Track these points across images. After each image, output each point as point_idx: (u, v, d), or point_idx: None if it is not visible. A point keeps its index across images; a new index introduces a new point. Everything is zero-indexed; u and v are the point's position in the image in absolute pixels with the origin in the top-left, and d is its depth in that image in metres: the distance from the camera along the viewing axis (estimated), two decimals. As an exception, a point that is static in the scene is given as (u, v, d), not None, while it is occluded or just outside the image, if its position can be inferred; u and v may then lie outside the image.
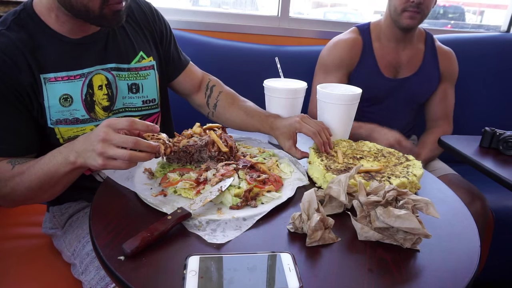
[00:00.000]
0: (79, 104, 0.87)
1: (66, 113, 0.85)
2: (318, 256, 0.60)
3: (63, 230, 0.98)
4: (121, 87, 0.93)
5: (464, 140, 1.24)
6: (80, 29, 0.86)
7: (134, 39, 0.96)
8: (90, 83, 0.88)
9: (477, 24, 2.75)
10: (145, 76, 0.97)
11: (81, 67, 0.87)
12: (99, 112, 0.90)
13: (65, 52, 0.85)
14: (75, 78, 0.86)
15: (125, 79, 0.94)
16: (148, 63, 0.97)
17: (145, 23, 0.99)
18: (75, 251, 0.90)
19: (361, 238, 0.63)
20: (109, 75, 0.91)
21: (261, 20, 1.92)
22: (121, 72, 0.93)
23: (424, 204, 0.61)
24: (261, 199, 0.74)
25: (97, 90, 0.89)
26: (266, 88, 1.04)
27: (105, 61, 0.90)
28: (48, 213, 1.03)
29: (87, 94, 0.87)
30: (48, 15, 0.83)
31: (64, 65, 0.85)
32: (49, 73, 0.83)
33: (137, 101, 0.96)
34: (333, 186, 0.68)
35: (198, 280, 0.51)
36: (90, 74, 0.88)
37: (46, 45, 0.83)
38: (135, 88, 0.95)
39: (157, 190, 0.76)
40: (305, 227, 0.62)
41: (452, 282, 0.56)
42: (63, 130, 0.87)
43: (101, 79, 0.89)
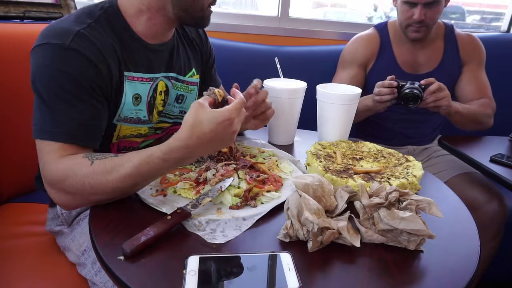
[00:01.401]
0: (144, 105, 0.90)
1: (133, 112, 0.89)
2: (318, 256, 0.60)
3: (70, 228, 0.98)
4: (171, 95, 0.98)
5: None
6: (160, 35, 0.91)
7: (190, 55, 1.04)
8: (155, 88, 0.92)
9: (477, 24, 2.75)
10: (191, 91, 1.04)
11: (153, 72, 0.91)
12: (155, 115, 0.94)
13: (144, 54, 0.89)
14: (146, 80, 0.90)
15: (177, 89, 1.00)
16: (196, 79, 1.05)
17: (199, 44, 1.08)
18: (85, 251, 0.90)
19: (364, 241, 0.63)
20: (169, 83, 0.96)
21: (261, 20, 1.92)
22: (177, 83, 0.99)
23: (427, 204, 0.62)
24: (261, 199, 0.74)
25: (158, 95, 0.94)
26: (265, 88, 1.04)
27: (169, 69, 0.96)
28: (52, 210, 1.02)
29: (152, 97, 0.92)
30: (135, 16, 0.86)
31: (140, 67, 0.88)
32: (130, 71, 0.86)
33: (176, 110, 1.02)
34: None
35: (198, 280, 0.51)
36: (157, 79, 0.92)
37: (129, 45, 0.86)
38: (181, 99, 1.02)
39: (156, 190, 0.75)
40: (299, 235, 0.62)
41: (452, 282, 0.56)
42: (124, 127, 0.90)
43: (162, 86, 0.94)
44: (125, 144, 0.94)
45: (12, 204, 1.24)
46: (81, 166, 0.70)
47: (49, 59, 0.74)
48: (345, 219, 0.63)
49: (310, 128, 1.14)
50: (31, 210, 1.19)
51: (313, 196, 0.64)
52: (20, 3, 1.36)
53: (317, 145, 0.94)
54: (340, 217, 0.64)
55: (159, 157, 0.67)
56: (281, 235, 0.63)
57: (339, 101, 0.98)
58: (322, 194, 0.65)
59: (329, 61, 1.71)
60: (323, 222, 0.59)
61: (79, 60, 0.75)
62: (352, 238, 0.60)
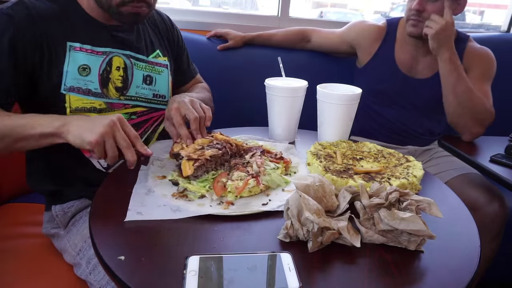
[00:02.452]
0: (95, 77, 0.92)
1: (81, 82, 0.91)
2: (318, 256, 0.59)
3: (66, 230, 0.98)
4: (137, 75, 1.00)
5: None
6: (108, 18, 0.94)
7: (153, 39, 1.08)
8: (109, 62, 0.95)
9: (477, 24, 2.75)
10: (159, 72, 1.06)
11: (105, 46, 0.95)
12: (111, 90, 0.96)
13: (94, 29, 0.93)
14: (98, 53, 0.93)
15: (142, 69, 1.01)
16: (163, 61, 1.08)
17: (164, 30, 1.12)
18: (80, 251, 0.90)
19: (365, 241, 0.63)
20: (127, 61, 0.98)
21: (261, 20, 1.92)
22: (139, 62, 1.01)
23: (427, 204, 0.62)
24: (292, 170, 0.88)
25: (114, 70, 0.96)
26: (267, 87, 1.04)
27: (123, 47, 0.98)
28: (48, 213, 1.02)
29: (105, 70, 0.94)
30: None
31: (90, 40, 0.92)
32: (76, 42, 0.90)
33: (148, 92, 1.03)
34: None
35: (198, 280, 0.51)
36: (111, 53, 0.95)
37: (78, 20, 0.92)
38: (149, 80, 1.03)
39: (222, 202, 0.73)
40: (300, 235, 0.62)
41: (452, 282, 0.56)
42: (74, 98, 0.90)
43: (119, 62, 0.97)
44: None
45: (11, 204, 1.24)
46: None
47: None
48: (346, 219, 0.63)
49: (310, 128, 1.14)
50: (30, 211, 1.19)
51: (314, 196, 0.64)
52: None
53: (317, 145, 0.94)
54: (341, 217, 0.64)
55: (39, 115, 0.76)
56: (281, 235, 0.63)
57: (339, 101, 0.98)
58: (323, 194, 0.65)
59: (329, 61, 1.71)
60: (324, 222, 0.59)
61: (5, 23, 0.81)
62: (352, 238, 0.60)
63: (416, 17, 1.34)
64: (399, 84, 1.46)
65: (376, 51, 1.50)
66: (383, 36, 1.50)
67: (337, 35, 1.61)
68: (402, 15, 1.48)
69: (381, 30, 1.51)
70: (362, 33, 1.53)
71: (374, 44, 1.51)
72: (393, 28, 1.50)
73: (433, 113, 1.48)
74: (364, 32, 1.53)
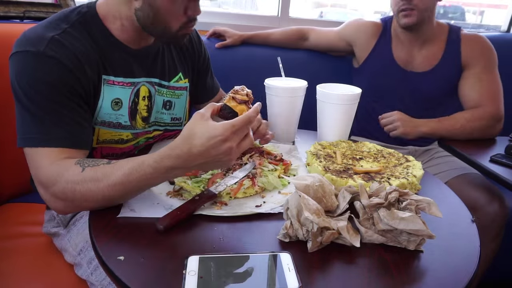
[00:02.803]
0: (126, 110, 0.90)
1: (113, 117, 0.88)
2: (318, 256, 0.59)
3: (67, 229, 0.98)
4: (157, 102, 0.98)
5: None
6: (139, 41, 0.91)
7: (177, 60, 1.03)
8: (137, 92, 0.92)
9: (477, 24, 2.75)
10: (178, 96, 1.03)
11: (134, 76, 0.91)
12: (138, 121, 0.94)
13: (123, 59, 0.89)
14: (127, 85, 0.90)
15: (163, 95, 0.99)
16: (183, 84, 1.04)
17: (190, 48, 1.07)
18: (81, 251, 0.90)
19: (364, 241, 0.63)
20: (151, 88, 0.95)
21: (261, 20, 1.92)
22: (161, 88, 0.98)
23: (427, 204, 0.62)
24: (292, 172, 0.86)
25: (141, 100, 0.93)
26: (266, 87, 1.04)
27: (151, 74, 0.95)
28: (49, 212, 1.02)
29: (133, 102, 0.91)
30: (112, 22, 0.86)
31: (121, 71, 0.88)
32: (110, 75, 0.86)
33: (167, 117, 1.01)
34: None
35: (198, 280, 0.51)
36: (138, 84, 0.92)
37: (108, 49, 0.86)
38: (168, 105, 1.01)
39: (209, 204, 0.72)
40: (299, 235, 0.62)
41: (452, 282, 0.56)
42: (102, 132, 0.89)
43: (145, 91, 0.94)
44: (107, 151, 0.93)
45: (11, 204, 1.24)
46: (72, 173, 0.69)
47: (25, 67, 0.75)
48: (345, 219, 0.63)
49: (310, 128, 1.14)
50: (30, 210, 1.19)
51: (313, 197, 0.64)
52: (20, 3, 1.36)
53: (317, 145, 0.94)
54: (340, 217, 0.64)
55: (150, 164, 0.65)
56: (281, 235, 0.63)
57: (339, 101, 0.98)
58: (323, 194, 0.65)
59: (329, 61, 1.71)
60: (323, 222, 0.59)
61: (55, 67, 0.75)
62: (352, 238, 0.60)
63: (407, 6, 1.34)
64: (398, 78, 1.47)
65: (374, 48, 1.51)
66: (380, 33, 1.52)
67: (335, 33, 1.62)
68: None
69: (378, 27, 1.52)
70: (359, 30, 1.55)
71: (371, 41, 1.52)
72: (388, 24, 1.52)
73: (433, 111, 1.48)
74: (361, 28, 1.54)
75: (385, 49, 1.49)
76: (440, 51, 1.45)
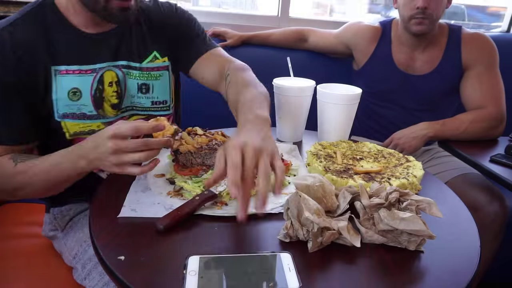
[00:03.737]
0: (88, 99, 0.86)
1: (74, 107, 0.85)
2: (318, 256, 0.59)
3: (64, 233, 0.97)
4: (130, 86, 0.92)
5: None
6: (96, 24, 0.86)
7: (149, 38, 0.95)
8: (100, 79, 0.87)
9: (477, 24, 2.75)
10: (157, 77, 0.95)
11: (94, 62, 0.87)
12: (107, 109, 0.89)
13: (79, 45, 0.85)
14: (86, 72, 0.86)
15: (136, 78, 0.92)
16: (161, 63, 0.96)
17: (162, 22, 0.97)
18: (76, 255, 0.89)
19: (365, 241, 0.63)
20: (119, 72, 0.90)
21: (261, 20, 1.92)
22: (132, 71, 0.92)
23: (427, 204, 0.61)
24: (292, 172, 0.86)
25: (107, 87, 0.88)
26: (275, 87, 1.05)
27: (116, 58, 0.90)
28: (48, 215, 1.02)
29: (97, 90, 0.87)
30: (66, 7, 0.84)
31: (76, 59, 0.85)
32: (61, 65, 0.83)
33: (145, 101, 0.95)
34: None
35: (198, 280, 0.51)
36: (101, 70, 0.87)
37: (61, 37, 0.84)
38: (145, 88, 0.94)
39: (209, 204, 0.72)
40: (299, 235, 0.61)
41: (452, 282, 0.56)
42: (70, 124, 0.86)
43: (111, 76, 0.89)
44: None
45: (11, 204, 1.24)
46: (6, 169, 0.76)
47: None
48: (346, 220, 0.62)
49: (310, 128, 1.14)
50: (30, 211, 1.19)
51: (314, 197, 0.64)
52: (20, 3, 1.36)
53: (317, 145, 0.94)
54: (341, 218, 0.64)
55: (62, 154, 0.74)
56: (281, 235, 0.63)
57: (339, 101, 0.98)
58: (323, 194, 0.65)
59: (329, 61, 1.71)
60: (324, 222, 0.59)
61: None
62: (352, 238, 0.60)
63: (421, 15, 1.34)
64: (399, 82, 1.47)
65: (373, 52, 1.51)
66: (379, 37, 1.51)
67: (334, 35, 1.61)
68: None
69: (377, 31, 1.52)
70: (358, 34, 1.54)
71: (370, 45, 1.51)
72: (387, 28, 1.51)
73: (433, 112, 1.48)
74: (360, 32, 1.54)
75: (385, 54, 1.48)
76: (440, 52, 1.45)
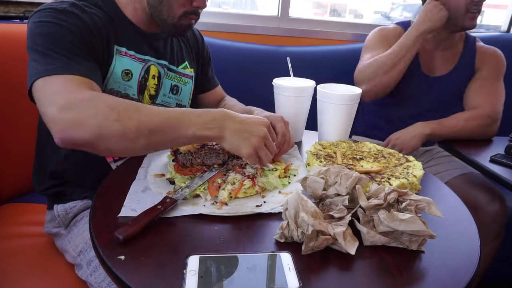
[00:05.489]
0: (135, 83, 0.95)
1: (122, 87, 0.92)
2: (318, 256, 0.59)
3: (67, 230, 0.98)
4: (165, 84, 1.03)
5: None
6: (150, 26, 0.96)
7: (184, 49, 1.11)
8: (147, 70, 0.97)
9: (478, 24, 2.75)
10: (185, 83, 1.09)
11: (145, 54, 0.97)
12: (146, 97, 0.98)
13: (135, 37, 0.95)
14: (138, 60, 0.95)
15: (171, 79, 1.04)
16: (190, 72, 1.11)
17: (194, 43, 1.15)
18: (81, 252, 0.90)
19: (366, 243, 0.62)
20: (161, 70, 1.01)
21: (261, 20, 1.92)
22: (170, 72, 1.04)
23: (426, 204, 0.61)
24: (292, 172, 0.86)
25: (151, 78, 0.98)
26: (275, 86, 1.05)
27: (161, 57, 1.01)
28: (50, 212, 1.02)
29: (143, 78, 0.96)
30: (125, 5, 0.93)
31: (133, 46, 0.94)
32: (122, 47, 0.91)
33: (173, 101, 1.06)
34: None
35: (198, 280, 0.51)
36: (149, 62, 0.98)
37: (121, 25, 0.92)
38: (175, 89, 1.06)
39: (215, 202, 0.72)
40: (294, 236, 0.61)
41: (452, 282, 0.56)
42: None
43: (155, 70, 0.99)
44: None
45: (11, 204, 1.24)
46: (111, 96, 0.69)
47: (45, 18, 0.77)
48: (345, 225, 0.60)
49: (310, 128, 1.14)
50: (30, 211, 1.20)
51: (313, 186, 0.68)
52: (20, 3, 1.36)
53: (317, 145, 0.94)
54: (339, 222, 0.62)
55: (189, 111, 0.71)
56: (277, 235, 0.62)
57: (339, 101, 0.98)
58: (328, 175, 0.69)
59: (329, 61, 1.72)
60: (319, 225, 0.58)
61: (75, 19, 0.80)
62: (347, 245, 0.58)
63: (477, 8, 1.34)
64: (420, 82, 1.47)
65: None
66: None
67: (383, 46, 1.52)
68: (403, 15, 1.48)
69: (400, 31, 1.51)
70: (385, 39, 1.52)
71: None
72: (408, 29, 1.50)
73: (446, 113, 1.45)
74: (387, 37, 1.52)
75: None
76: (456, 56, 1.47)
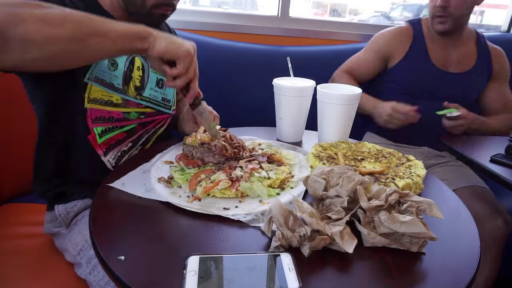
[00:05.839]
0: (121, 73, 0.97)
1: (107, 76, 0.94)
2: (318, 257, 0.59)
3: (68, 229, 0.98)
4: (151, 77, 1.05)
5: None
6: (128, 18, 0.95)
7: None
8: (132, 61, 1.00)
9: (478, 24, 2.75)
10: None
11: None
12: (131, 88, 1.00)
13: None
14: None
15: (156, 72, 1.06)
16: None
17: None
18: (81, 251, 0.90)
19: (366, 245, 0.62)
20: (145, 63, 1.03)
21: (261, 20, 1.92)
22: None
23: (428, 206, 0.61)
24: (290, 184, 0.80)
25: (135, 69, 1.01)
26: (275, 86, 1.05)
27: None
28: (50, 213, 1.02)
29: (128, 68, 0.99)
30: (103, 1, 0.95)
31: None
32: None
33: (159, 95, 1.07)
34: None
35: (198, 280, 0.51)
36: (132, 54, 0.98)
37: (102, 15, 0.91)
38: (161, 83, 1.07)
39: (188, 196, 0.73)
40: (293, 242, 0.59)
41: (452, 282, 0.56)
42: (94, 89, 0.92)
43: (139, 62, 1.02)
44: (96, 114, 0.94)
45: (11, 204, 1.24)
46: None
47: None
48: (342, 224, 0.60)
49: (310, 128, 1.14)
50: (30, 211, 1.20)
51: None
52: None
53: (317, 146, 0.94)
54: (337, 222, 0.61)
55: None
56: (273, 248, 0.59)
57: (339, 101, 0.98)
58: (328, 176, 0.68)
59: (329, 61, 1.71)
60: (317, 224, 0.58)
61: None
62: (345, 244, 0.57)
63: (441, 13, 1.36)
64: (435, 79, 1.47)
65: (408, 51, 1.50)
66: (412, 36, 1.51)
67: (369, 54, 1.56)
68: (403, 15, 1.49)
69: (408, 31, 1.52)
70: (393, 40, 1.53)
71: (405, 45, 1.51)
72: (418, 27, 1.51)
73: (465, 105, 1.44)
74: (393, 36, 1.53)
75: (421, 51, 1.48)
76: (473, 54, 1.48)
